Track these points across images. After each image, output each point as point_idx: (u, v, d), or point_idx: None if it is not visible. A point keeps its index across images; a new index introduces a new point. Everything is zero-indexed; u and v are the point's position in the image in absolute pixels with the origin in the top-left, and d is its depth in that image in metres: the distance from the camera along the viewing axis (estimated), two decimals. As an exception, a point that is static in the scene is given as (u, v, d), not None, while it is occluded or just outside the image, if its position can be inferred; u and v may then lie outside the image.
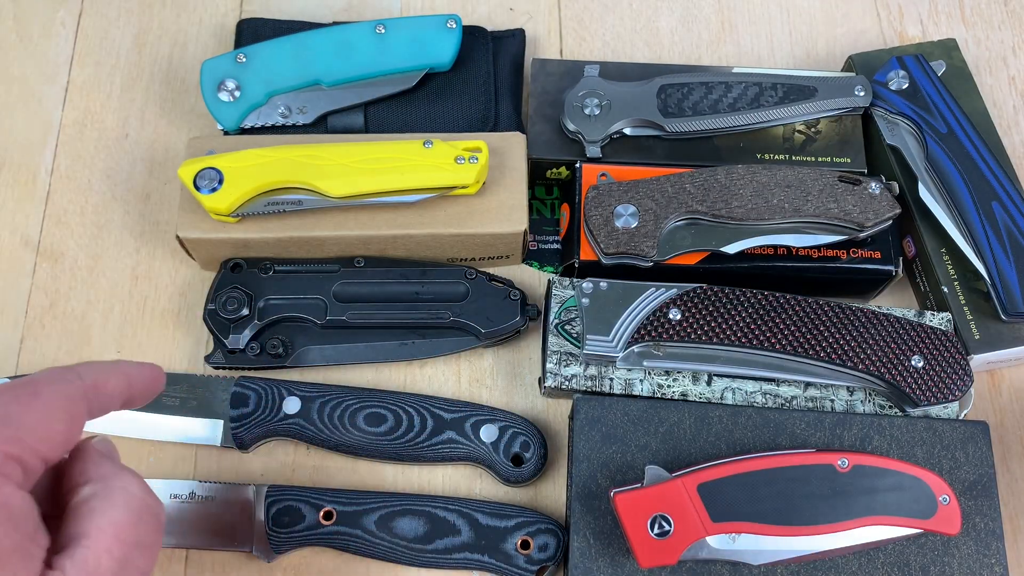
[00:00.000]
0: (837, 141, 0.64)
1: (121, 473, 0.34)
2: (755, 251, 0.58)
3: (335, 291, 0.58)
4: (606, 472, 0.52)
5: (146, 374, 0.38)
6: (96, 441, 0.36)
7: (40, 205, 0.65)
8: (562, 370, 0.56)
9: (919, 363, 0.54)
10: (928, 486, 0.49)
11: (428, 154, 0.57)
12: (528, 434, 0.56)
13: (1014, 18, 0.74)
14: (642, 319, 0.54)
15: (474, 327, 0.58)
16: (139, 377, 0.37)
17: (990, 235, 0.58)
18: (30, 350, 0.60)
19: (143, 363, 0.38)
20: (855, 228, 0.57)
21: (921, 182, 0.60)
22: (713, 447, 0.52)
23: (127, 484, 0.33)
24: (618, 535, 0.50)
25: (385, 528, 0.52)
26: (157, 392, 0.39)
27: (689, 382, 0.55)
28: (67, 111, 0.68)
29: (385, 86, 0.64)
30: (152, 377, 0.38)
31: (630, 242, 0.57)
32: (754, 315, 0.54)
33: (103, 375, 0.35)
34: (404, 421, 0.55)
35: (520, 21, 0.73)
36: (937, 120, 0.61)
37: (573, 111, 0.62)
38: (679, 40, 0.73)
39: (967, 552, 0.50)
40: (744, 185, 0.58)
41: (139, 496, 0.33)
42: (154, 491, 0.35)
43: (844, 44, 0.73)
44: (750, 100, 0.63)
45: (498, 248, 0.61)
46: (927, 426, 0.53)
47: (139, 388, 0.37)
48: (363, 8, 0.73)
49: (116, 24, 0.71)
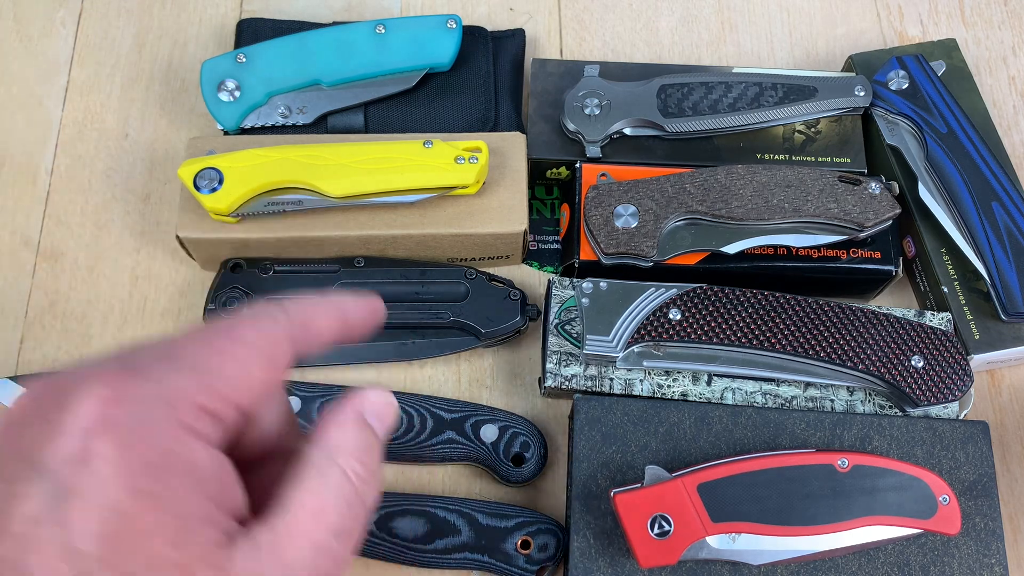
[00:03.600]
0: (837, 141, 0.64)
1: (346, 449, 0.29)
2: (755, 251, 0.58)
3: (335, 291, 0.58)
4: (606, 472, 0.52)
5: (363, 308, 0.32)
6: (372, 396, 0.30)
7: (40, 205, 0.65)
8: (562, 370, 0.56)
9: (919, 363, 0.54)
10: (928, 486, 0.49)
11: (428, 154, 0.57)
12: (528, 434, 0.56)
13: (1014, 18, 0.74)
14: (642, 319, 0.54)
15: (474, 327, 0.58)
16: (356, 311, 0.32)
17: (990, 235, 0.58)
18: (30, 350, 0.60)
19: (360, 297, 0.33)
20: (855, 228, 0.57)
21: (921, 182, 0.60)
22: (713, 447, 0.52)
23: (350, 463, 0.28)
24: (618, 535, 0.50)
25: (385, 528, 0.52)
26: (377, 325, 0.33)
27: (689, 382, 0.55)
28: (67, 111, 0.68)
29: (385, 86, 0.64)
30: (371, 310, 0.33)
31: (630, 242, 0.57)
32: (754, 315, 0.54)
33: (313, 311, 0.31)
34: (404, 421, 0.55)
35: (520, 21, 0.73)
36: (937, 120, 0.61)
37: (573, 111, 0.62)
38: (679, 40, 0.73)
39: (967, 552, 0.50)
40: (744, 185, 0.58)
41: (358, 483, 0.28)
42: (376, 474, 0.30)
43: (844, 44, 0.73)
44: (750, 100, 0.63)
45: (498, 248, 0.61)
46: (927, 426, 0.53)
47: (356, 323, 0.32)
48: (363, 8, 0.73)
49: (116, 24, 0.71)
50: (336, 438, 0.29)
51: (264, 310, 0.30)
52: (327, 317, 0.31)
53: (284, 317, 0.30)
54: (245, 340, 0.28)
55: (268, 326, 0.29)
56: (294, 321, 0.30)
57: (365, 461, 0.29)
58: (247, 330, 0.28)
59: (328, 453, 0.28)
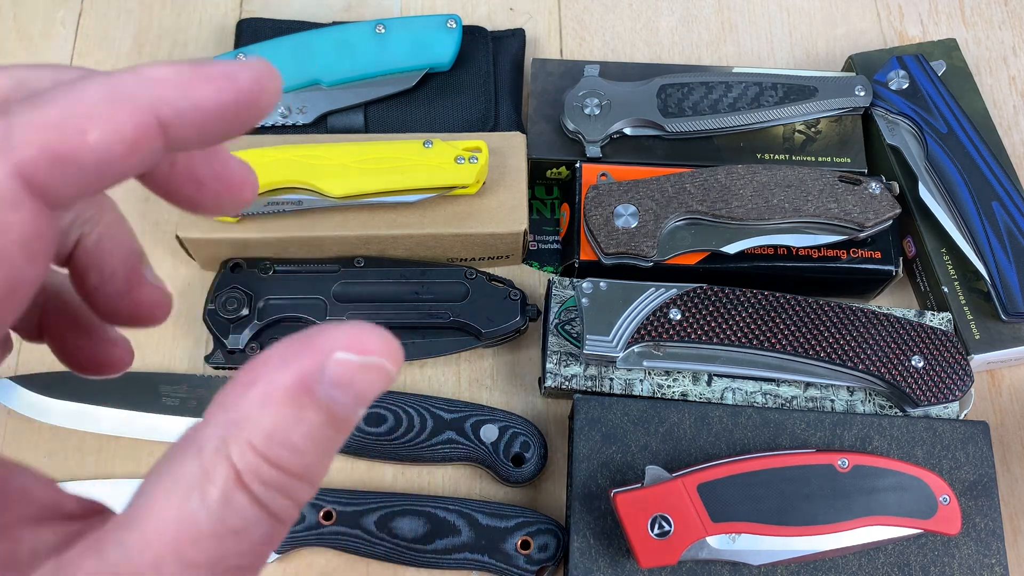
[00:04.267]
0: (837, 141, 0.64)
1: (255, 433, 0.17)
2: (755, 251, 0.58)
3: (335, 291, 0.58)
4: (606, 472, 0.52)
5: (249, 71, 0.19)
6: (344, 344, 0.17)
7: (40, 205, 0.65)
8: (562, 370, 0.56)
9: (919, 363, 0.54)
10: (928, 486, 0.49)
11: (428, 154, 0.57)
12: (528, 434, 0.56)
13: (1014, 18, 0.74)
14: (642, 319, 0.54)
15: (474, 327, 0.58)
16: (242, 73, 0.19)
17: (990, 235, 0.58)
18: (30, 350, 0.60)
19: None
20: (855, 228, 0.57)
21: (921, 182, 0.60)
22: (713, 447, 0.52)
23: (251, 461, 0.17)
24: (618, 535, 0.50)
25: (385, 528, 0.52)
26: (273, 93, 0.19)
27: (689, 382, 0.55)
28: (67, 111, 0.68)
29: (385, 86, 0.64)
30: (260, 74, 0.19)
31: (630, 242, 0.57)
32: (754, 315, 0.54)
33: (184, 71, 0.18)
34: (404, 421, 0.55)
35: (520, 21, 0.73)
36: (937, 120, 0.61)
37: (573, 111, 0.62)
38: (679, 40, 0.73)
39: (967, 552, 0.50)
40: (744, 185, 0.58)
41: (261, 493, 0.17)
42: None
43: (844, 44, 0.73)
44: (750, 100, 0.63)
45: (498, 248, 0.61)
46: (927, 426, 0.53)
47: (245, 89, 0.19)
48: (363, 8, 0.73)
49: (116, 24, 0.71)
50: (244, 411, 0.17)
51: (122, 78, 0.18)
52: (200, 78, 0.18)
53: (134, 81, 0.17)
54: (96, 83, 0.17)
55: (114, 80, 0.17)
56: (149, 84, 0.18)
57: (286, 459, 0.17)
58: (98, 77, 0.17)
59: (220, 434, 0.17)
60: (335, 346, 0.17)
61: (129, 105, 0.17)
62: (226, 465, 0.17)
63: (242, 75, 0.18)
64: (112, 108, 0.17)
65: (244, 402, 0.17)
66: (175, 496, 0.17)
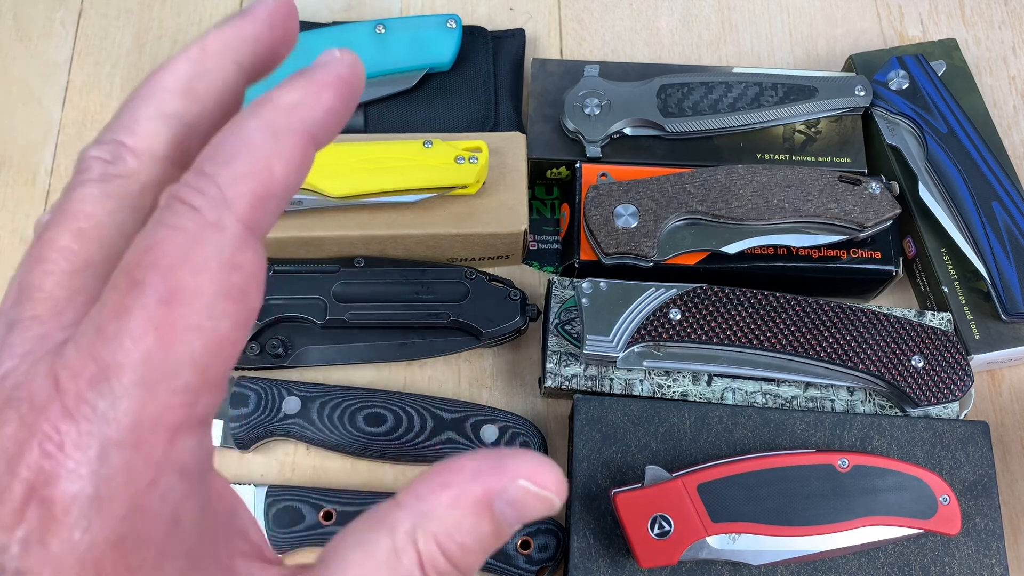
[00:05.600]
0: (837, 141, 0.64)
1: (441, 531, 0.21)
2: (755, 251, 0.58)
3: (335, 291, 0.58)
4: (606, 472, 0.52)
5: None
6: (527, 474, 0.21)
7: (40, 205, 0.65)
8: (562, 370, 0.56)
9: (919, 363, 0.54)
10: (928, 486, 0.49)
11: (428, 154, 0.57)
12: (528, 434, 0.56)
13: (1014, 18, 0.74)
14: (642, 319, 0.54)
15: (474, 327, 0.58)
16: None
17: (990, 235, 0.58)
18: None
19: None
20: (855, 228, 0.57)
21: (921, 182, 0.60)
22: (713, 447, 0.52)
23: (435, 558, 0.21)
24: (618, 535, 0.50)
25: (385, 528, 0.52)
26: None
27: (689, 382, 0.55)
28: (67, 111, 0.68)
29: (385, 86, 0.64)
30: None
31: (630, 242, 0.57)
32: (754, 315, 0.54)
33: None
34: (404, 421, 0.55)
35: (520, 21, 0.73)
36: (937, 120, 0.61)
37: (573, 111, 0.62)
38: (679, 40, 0.73)
39: (967, 552, 0.50)
40: (744, 185, 0.58)
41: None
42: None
43: (844, 44, 0.73)
44: (750, 100, 0.63)
45: (498, 248, 0.61)
46: (927, 426, 0.53)
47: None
48: (363, 8, 0.73)
49: (116, 24, 0.71)
50: (434, 507, 0.20)
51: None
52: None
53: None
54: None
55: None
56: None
57: (458, 556, 0.20)
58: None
59: (412, 522, 0.20)
60: (520, 474, 0.20)
61: (287, 134, 0.20)
62: (413, 550, 0.20)
63: (344, 71, 0.22)
64: (276, 142, 0.20)
65: (437, 501, 0.20)
66: (367, 567, 0.20)
